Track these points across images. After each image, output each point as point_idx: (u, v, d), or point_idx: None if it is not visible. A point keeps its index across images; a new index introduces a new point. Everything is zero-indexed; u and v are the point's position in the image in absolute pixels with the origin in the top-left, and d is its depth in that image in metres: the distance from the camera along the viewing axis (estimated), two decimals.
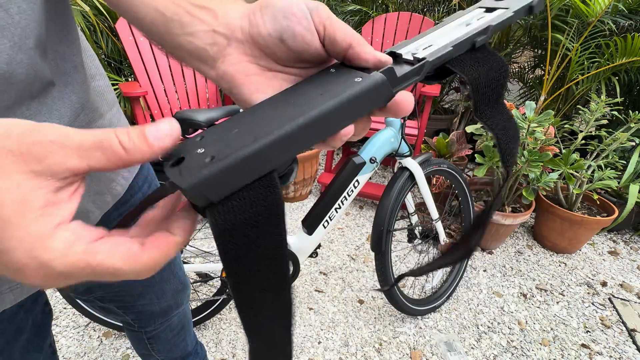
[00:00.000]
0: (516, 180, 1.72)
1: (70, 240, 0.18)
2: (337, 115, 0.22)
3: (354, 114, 0.23)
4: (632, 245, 1.99)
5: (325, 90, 0.23)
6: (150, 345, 0.78)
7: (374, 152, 1.14)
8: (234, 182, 0.19)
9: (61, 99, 0.34)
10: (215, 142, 0.21)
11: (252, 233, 0.21)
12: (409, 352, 1.28)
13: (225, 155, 0.19)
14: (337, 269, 1.70)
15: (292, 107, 0.23)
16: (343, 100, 0.22)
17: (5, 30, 0.25)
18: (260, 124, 0.22)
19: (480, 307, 1.50)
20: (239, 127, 0.22)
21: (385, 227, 1.15)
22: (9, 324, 0.45)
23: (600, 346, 1.34)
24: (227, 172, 0.19)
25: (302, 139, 0.21)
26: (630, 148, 2.04)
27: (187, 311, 0.82)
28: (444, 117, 3.01)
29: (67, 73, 0.35)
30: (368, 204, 2.29)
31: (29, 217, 0.17)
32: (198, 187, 0.19)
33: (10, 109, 0.29)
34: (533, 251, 1.90)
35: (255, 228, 0.21)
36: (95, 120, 0.41)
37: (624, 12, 2.15)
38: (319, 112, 0.21)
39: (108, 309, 0.66)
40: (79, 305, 1.20)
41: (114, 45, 2.09)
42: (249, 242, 0.21)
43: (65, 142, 0.18)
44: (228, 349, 1.26)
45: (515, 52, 2.87)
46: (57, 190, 0.18)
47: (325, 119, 0.21)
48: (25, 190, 0.17)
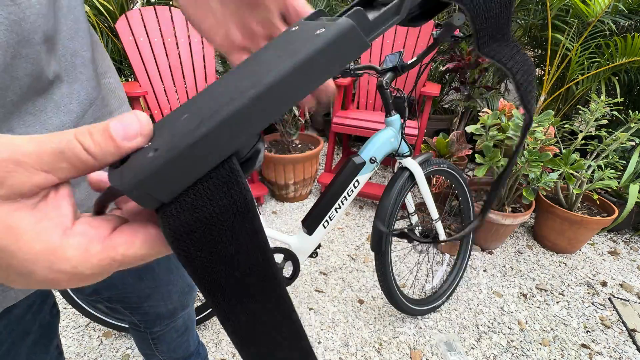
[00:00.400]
0: (516, 180, 1.72)
1: (83, 244, 0.17)
2: (298, 79, 0.18)
3: (319, 75, 0.18)
4: (632, 245, 1.99)
5: (284, 52, 0.19)
6: (154, 346, 0.78)
7: (374, 152, 1.14)
8: (183, 176, 0.16)
9: (69, 95, 0.33)
10: (161, 133, 0.18)
11: (218, 234, 0.18)
12: (409, 352, 1.28)
13: (169, 146, 0.16)
14: (337, 269, 1.70)
15: (246, 78, 0.19)
16: (301, 60, 0.17)
17: (15, 25, 0.25)
18: (210, 104, 0.18)
19: (480, 307, 1.50)
20: (190, 110, 0.19)
21: (385, 227, 1.15)
22: (16, 325, 0.45)
23: (600, 346, 1.34)
24: (171, 166, 0.16)
25: (258, 114, 0.17)
26: (630, 148, 2.04)
27: (192, 313, 0.82)
28: (444, 117, 3.01)
29: (76, 69, 0.34)
30: (368, 204, 2.29)
31: (26, 239, 0.16)
32: (139, 186, 0.16)
33: (15, 105, 0.28)
34: (533, 251, 1.90)
35: (220, 228, 0.18)
36: (104, 116, 0.40)
37: (624, 12, 2.15)
38: (273, 78, 0.17)
39: (115, 309, 0.67)
40: (79, 305, 1.20)
41: (114, 45, 2.09)
42: (216, 246, 0.18)
43: (20, 158, 0.15)
44: (228, 348, 1.26)
45: None
46: (37, 205, 0.16)
47: (282, 86, 0.17)
48: (2, 217, 0.15)
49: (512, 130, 1.57)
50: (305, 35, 0.20)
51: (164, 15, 1.88)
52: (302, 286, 1.58)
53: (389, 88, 1.11)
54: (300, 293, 1.54)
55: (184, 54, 1.96)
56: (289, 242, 1.28)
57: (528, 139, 1.55)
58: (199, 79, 2.02)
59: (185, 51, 1.96)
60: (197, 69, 2.01)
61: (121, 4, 2.06)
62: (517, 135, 1.56)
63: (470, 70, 2.17)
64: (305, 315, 1.42)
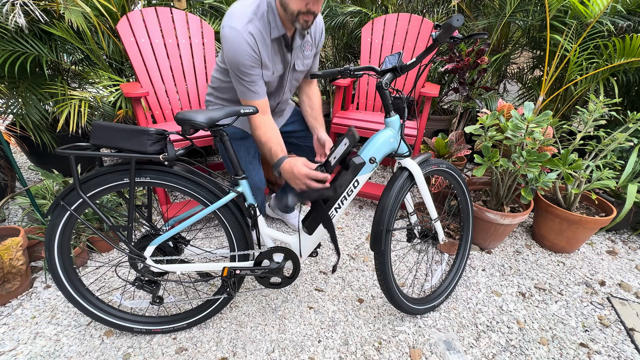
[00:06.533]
0: (515, 180, 1.73)
1: (292, 163, 1.14)
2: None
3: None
4: (630, 245, 2.00)
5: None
6: None
7: (374, 152, 1.15)
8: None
9: (285, 108, 1.60)
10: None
11: None
12: (408, 351, 1.29)
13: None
14: (336, 268, 1.71)
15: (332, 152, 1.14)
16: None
17: (295, 89, 1.52)
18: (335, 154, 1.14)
19: (479, 307, 1.51)
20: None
21: (385, 226, 1.16)
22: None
23: (598, 345, 1.35)
24: None
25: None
26: (629, 148, 2.05)
27: None
28: (443, 117, 3.02)
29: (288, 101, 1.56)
30: (368, 204, 2.29)
31: (298, 163, 1.14)
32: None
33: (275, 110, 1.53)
34: (532, 251, 1.91)
35: None
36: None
37: (622, 13, 2.16)
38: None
39: None
40: (80, 304, 1.21)
41: (115, 46, 2.10)
42: None
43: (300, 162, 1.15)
44: (229, 347, 1.27)
45: (514, 53, 2.88)
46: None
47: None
48: (296, 163, 1.14)
49: (510, 130, 1.58)
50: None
51: (165, 16, 1.89)
52: (302, 285, 1.59)
53: (389, 89, 1.12)
54: (300, 292, 1.55)
55: (185, 54, 1.97)
56: (289, 241, 1.29)
57: (527, 139, 1.56)
58: (200, 80, 2.03)
59: (187, 52, 1.97)
60: (198, 69, 2.02)
61: (122, 5, 2.07)
62: (515, 136, 1.57)
63: (469, 71, 2.18)
64: (305, 314, 1.43)
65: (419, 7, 3.11)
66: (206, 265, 1.21)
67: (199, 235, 1.94)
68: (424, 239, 1.43)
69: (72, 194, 1.05)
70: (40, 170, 1.80)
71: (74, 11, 1.80)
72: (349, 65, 2.31)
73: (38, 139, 2.11)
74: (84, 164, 2.48)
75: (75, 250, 1.58)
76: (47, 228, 1.08)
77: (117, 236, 1.12)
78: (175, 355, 1.23)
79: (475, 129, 1.66)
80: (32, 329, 1.32)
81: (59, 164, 2.37)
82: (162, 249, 1.20)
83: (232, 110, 1.07)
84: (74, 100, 1.93)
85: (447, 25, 0.91)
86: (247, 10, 1.14)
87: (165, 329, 1.29)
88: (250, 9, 1.14)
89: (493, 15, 2.62)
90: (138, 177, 1.07)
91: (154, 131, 1.00)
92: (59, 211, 1.07)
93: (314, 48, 1.37)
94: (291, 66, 1.33)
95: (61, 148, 0.97)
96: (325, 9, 2.87)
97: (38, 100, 2.04)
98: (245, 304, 1.47)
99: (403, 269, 1.72)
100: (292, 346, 1.29)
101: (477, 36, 1.02)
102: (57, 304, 1.43)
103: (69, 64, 2.29)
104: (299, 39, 1.26)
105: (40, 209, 1.67)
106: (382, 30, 2.30)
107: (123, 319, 1.27)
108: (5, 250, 1.36)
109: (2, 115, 2.04)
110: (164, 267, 1.17)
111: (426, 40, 2.23)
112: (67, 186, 1.10)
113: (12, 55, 1.83)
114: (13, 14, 1.63)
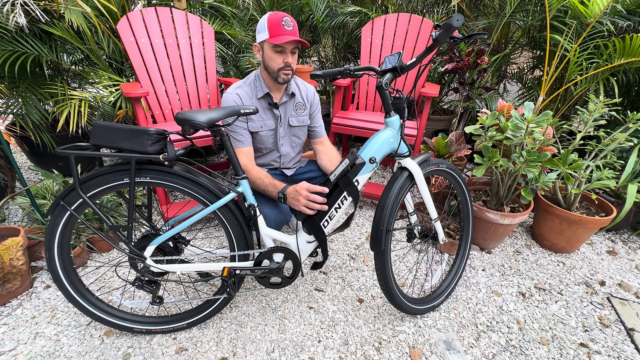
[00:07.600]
0: (515, 180, 1.73)
1: (296, 185, 1.21)
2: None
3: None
4: (630, 245, 2.00)
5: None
6: None
7: (374, 152, 1.15)
8: None
9: (295, 166, 1.71)
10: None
11: None
12: (408, 351, 1.29)
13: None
14: (337, 268, 1.71)
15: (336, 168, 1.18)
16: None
17: (298, 146, 1.65)
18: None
19: (479, 306, 1.51)
20: None
21: (385, 226, 1.16)
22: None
23: (598, 345, 1.35)
24: None
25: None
26: (629, 148, 2.05)
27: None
28: (443, 117, 3.02)
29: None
30: (367, 204, 2.29)
31: (300, 183, 1.20)
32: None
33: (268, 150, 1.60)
34: (532, 251, 1.91)
35: None
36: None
37: (622, 13, 2.16)
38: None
39: None
40: (80, 304, 1.21)
41: (115, 46, 2.10)
42: None
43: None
44: (229, 347, 1.27)
45: (514, 53, 2.88)
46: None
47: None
48: (299, 184, 1.21)
49: (510, 130, 1.58)
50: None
51: (165, 16, 1.89)
52: (302, 285, 1.59)
53: (389, 89, 1.12)
54: (300, 292, 1.55)
55: (184, 54, 1.97)
56: (289, 241, 1.29)
57: (527, 139, 1.56)
58: (200, 80, 2.03)
59: (186, 52, 1.97)
60: (198, 69, 2.02)
61: (122, 4, 2.07)
62: (515, 136, 1.57)
63: (469, 71, 2.18)
64: (305, 314, 1.43)
65: (419, 7, 3.11)
66: (206, 265, 1.21)
67: (199, 235, 1.94)
68: (424, 239, 1.43)
69: (72, 194, 1.05)
70: (40, 170, 1.80)
71: (74, 11, 1.80)
72: (349, 65, 2.31)
73: (38, 139, 2.11)
74: (84, 164, 2.48)
75: (75, 250, 1.58)
76: (47, 228, 1.08)
77: (117, 236, 1.12)
78: (175, 355, 1.23)
79: (475, 129, 1.66)
80: (32, 329, 1.32)
81: (59, 164, 2.37)
82: (162, 249, 1.20)
83: (232, 110, 1.07)
84: (74, 100, 1.93)
85: (447, 25, 0.91)
86: (239, 82, 1.48)
87: (165, 329, 1.29)
88: (242, 80, 1.48)
89: (493, 15, 2.62)
90: (138, 177, 1.07)
91: (154, 131, 1.00)
92: (59, 211, 1.07)
93: (307, 108, 1.57)
94: (285, 122, 1.52)
95: (61, 148, 0.97)
96: (325, 9, 2.88)
97: (38, 100, 2.04)
98: (245, 304, 1.47)
99: (403, 269, 1.72)
100: (292, 346, 1.29)
101: (477, 36, 1.03)
102: (57, 304, 1.43)
103: (69, 64, 2.29)
104: (284, 97, 1.48)
105: (40, 209, 1.67)
106: (382, 30, 2.30)
107: (123, 319, 1.27)
108: (5, 250, 1.36)
109: (2, 115, 2.04)
110: (164, 267, 1.17)
111: (426, 40, 2.23)
112: (67, 186, 1.10)
113: (12, 55, 1.83)
114: (13, 13, 1.63)
